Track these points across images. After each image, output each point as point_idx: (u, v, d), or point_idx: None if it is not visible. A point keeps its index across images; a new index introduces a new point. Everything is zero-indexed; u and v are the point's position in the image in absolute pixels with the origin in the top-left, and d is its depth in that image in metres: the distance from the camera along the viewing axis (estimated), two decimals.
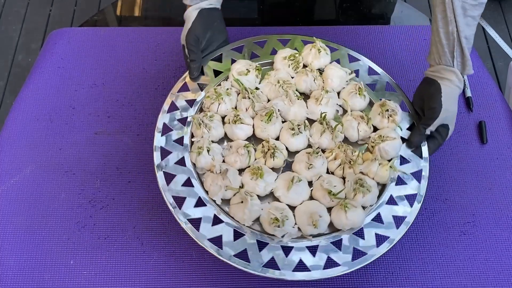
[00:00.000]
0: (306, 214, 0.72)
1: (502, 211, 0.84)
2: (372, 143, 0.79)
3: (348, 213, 0.72)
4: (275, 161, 0.77)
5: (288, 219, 0.72)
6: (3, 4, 1.94)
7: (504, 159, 0.89)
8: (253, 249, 0.71)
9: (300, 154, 0.79)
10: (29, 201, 0.83)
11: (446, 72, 0.79)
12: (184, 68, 0.97)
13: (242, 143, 0.78)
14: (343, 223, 0.72)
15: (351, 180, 0.75)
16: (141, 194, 0.84)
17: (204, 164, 0.77)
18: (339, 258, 0.71)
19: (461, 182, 0.86)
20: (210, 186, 0.75)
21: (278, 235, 0.72)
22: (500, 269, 0.79)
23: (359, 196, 0.74)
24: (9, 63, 1.82)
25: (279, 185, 0.75)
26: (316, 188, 0.76)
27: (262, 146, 0.78)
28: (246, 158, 0.77)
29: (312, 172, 0.76)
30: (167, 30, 1.02)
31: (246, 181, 0.75)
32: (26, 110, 0.92)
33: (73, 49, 1.00)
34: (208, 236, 0.72)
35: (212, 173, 0.75)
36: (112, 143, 0.89)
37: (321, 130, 0.79)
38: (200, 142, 0.77)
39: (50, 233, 0.80)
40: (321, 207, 0.74)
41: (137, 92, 0.94)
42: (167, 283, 0.76)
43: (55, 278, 0.76)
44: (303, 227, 0.72)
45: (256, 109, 0.82)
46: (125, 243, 0.79)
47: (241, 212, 0.72)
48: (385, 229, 0.74)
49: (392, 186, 0.77)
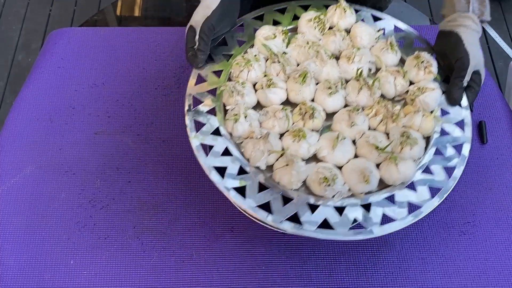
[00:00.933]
0: (356, 172, 0.70)
1: (502, 211, 0.84)
2: (411, 96, 0.78)
3: (399, 166, 0.70)
4: (315, 122, 0.75)
5: (338, 178, 0.69)
6: (3, 4, 1.94)
7: (504, 159, 0.89)
8: (304, 212, 0.68)
9: (339, 114, 0.76)
10: (29, 201, 0.83)
11: (462, 18, 0.76)
12: (186, 66, 0.97)
13: (279, 107, 0.76)
14: (395, 178, 0.70)
15: (396, 133, 0.73)
16: (141, 194, 0.84)
17: (242, 131, 0.74)
18: (395, 213, 0.69)
19: (461, 182, 0.86)
20: (251, 153, 0.72)
21: (328, 195, 0.69)
22: (500, 269, 0.79)
23: (407, 149, 0.72)
24: (9, 63, 1.82)
25: (322, 145, 0.73)
26: (361, 146, 0.73)
27: (299, 108, 0.76)
28: (285, 122, 0.74)
29: (355, 130, 0.74)
30: (167, 30, 1.02)
31: (287, 144, 0.72)
32: (26, 110, 0.92)
33: (73, 49, 1.00)
34: (255, 204, 0.68)
35: (252, 139, 0.72)
36: (112, 143, 0.89)
37: (358, 88, 0.77)
38: (235, 110, 0.74)
39: (50, 233, 0.80)
40: (370, 163, 0.71)
41: (137, 92, 0.94)
42: (167, 283, 0.76)
43: (55, 278, 0.76)
44: (353, 186, 0.70)
45: (287, 73, 0.79)
46: (125, 243, 0.79)
47: (288, 175, 0.69)
48: (436, 181, 0.72)
49: (436, 137, 0.76)
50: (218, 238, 0.80)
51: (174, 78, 0.95)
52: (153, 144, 0.88)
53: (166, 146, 0.88)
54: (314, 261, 0.79)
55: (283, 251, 0.79)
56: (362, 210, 0.69)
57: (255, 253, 0.79)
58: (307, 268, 0.78)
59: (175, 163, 0.86)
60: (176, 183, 0.85)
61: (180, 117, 0.91)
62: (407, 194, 0.71)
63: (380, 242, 0.80)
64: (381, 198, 0.70)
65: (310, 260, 0.79)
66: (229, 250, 0.79)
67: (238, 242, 0.80)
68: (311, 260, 0.79)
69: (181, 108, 0.92)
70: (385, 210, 0.69)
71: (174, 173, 0.86)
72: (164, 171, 0.86)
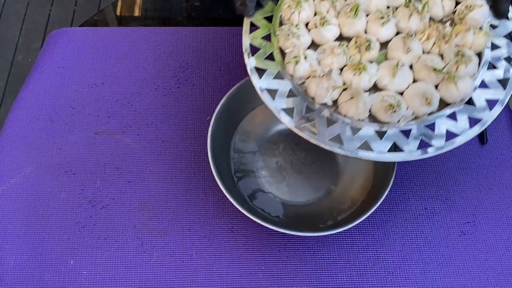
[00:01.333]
0: (417, 95, 0.72)
1: (502, 211, 0.84)
2: (460, 15, 0.79)
3: (458, 84, 0.72)
4: (371, 53, 0.76)
5: (402, 103, 0.72)
6: (3, 4, 1.94)
7: (504, 159, 0.89)
8: (373, 139, 0.71)
9: (393, 42, 0.78)
10: (29, 201, 0.83)
11: None
12: (186, 67, 0.97)
13: (335, 44, 0.77)
14: (455, 95, 0.72)
15: (450, 54, 0.75)
16: (141, 194, 0.84)
17: (303, 72, 0.75)
18: (458, 128, 0.71)
19: (461, 182, 0.86)
20: (316, 91, 0.73)
21: (394, 120, 0.71)
22: (500, 269, 0.79)
23: (462, 67, 0.74)
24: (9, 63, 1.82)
25: (382, 74, 0.75)
26: (419, 69, 0.75)
27: (355, 41, 0.77)
28: (343, 57, 0.76)
29: (411, 55, 0.76)
30: (167, 30, 1.02)
31: (348, 78, 0.74)
32: (26, 110, 0.92)
33: (73, 49, 1.00)
34: (328, 136, 0.71)
35: (314, 79, 0.74)
36: (112, 143, 0.89)
37: (409, 14, 0.78)
38: (294, 52, 0.75)
39: (50, 233, 0.80)
40: (429, 85, 0.74)
41: (137, 92, 0.94)
42: (167, 283, 0.76)
43: (55, 278, 0.76)
44: (416, 109, 0.72)
45: (338, 8, 0.80)
46: (125, 243, 0.79)
47: (355, 106, 0.71)
48: (493, 92, 0.74)
49: (488, 52, 0.77)
50: (218, 238, 0.80)
51: (174, 78, 0.95)
52: (153, 144, 0.88)
53: (166, 146, 0.88)
54: (314, 261, 0.79)
55: (283, 251, 0.79)
56: (427, 130, 0.72)
57: (255, 253, 0.79)
58: (307, 268, 0.78)
59: (175, 163, 0.87)
60: (176, 183, 0.85)
61: (180, 117, 0.91)
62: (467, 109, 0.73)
63: (380, 242, 0.81)
64: (444, 117, 0.72)
65: (310, 260, 0.79)
66: (229, 250, 0.79)
67: (238, 242, 0.80)
68: (311, 260, 0.79)
69: (181, 108, 0.92)
70: (448, 127, 0.72)
71: (174, 173, 0.86)
72: (164, 171, 0.86)
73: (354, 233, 0.81)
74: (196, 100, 0.93)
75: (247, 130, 0.89)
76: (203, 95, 0.93)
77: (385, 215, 0.83)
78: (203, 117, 0.91)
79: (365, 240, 0.81)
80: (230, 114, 0.86)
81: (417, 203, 0.84)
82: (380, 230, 0.82)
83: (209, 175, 0.85)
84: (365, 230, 0.82)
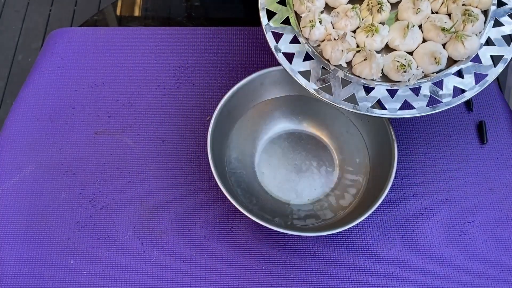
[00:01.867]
0: (426, 55, 0.75)
1: (502, 211, 0.84)
2: None
3: (465, 42, 0.74)
4: (383, 15, 0.78)
5: (413, 63, 0.74)
6: (3, 4, 1.94)
7: (504, 159, 0.89)
8: (385, 98, 0.74)
9: (403, 3, 0.80)
10: (29, 201, 0.83)
11: None
12: (186, 66, 0.97)
13: (348, 7, 0.79)
14: (462, 53, 0.75)
15: (458, 13, 0.77)
16: (141, 194, 0.84)
17: (319, 35, 0.77)
18: (464, 85, 0.74)
19: (461, 182, 0.86)
20: (331, 54, 0.76)
21: (405, 79, 0.74)
22: (500, 269, 0.79)
23: (469, 26, 0.76)
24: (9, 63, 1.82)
25: (394, 35, 0.77)
26: (428, 29, 0.77)
27: (366, 4, 0.79)
28: (356, 19, 0.78)
29: (421, 15, 0.78)
30: (167, 30, 1.02)
31: (361, 40, 0.77)
32: (26, 110, 0.92)
33: (73, 49, 1.00)
34: (343, 97, 0.74)
35: (329, 42, 0.76)
36: (112, 143, 0.89)
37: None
38: (309, 16, 0.77)
39: (50, 233, 0.80)
40: (438, 45, 0.76)
41: (137, 92, 0.94)
42: (167, 283, 0.76)
43: (55, 278, 0.76)
44: (425, 67, 0.75)
45: None
46: (125, 243, 0.79)
47: (368, 67, 0.74)
48: (497, 49, 0.76)
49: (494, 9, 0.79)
50: (218, 238, 0.80)
51: (174, 78, 0.95)
52: (153, 144, 0.88)
53: (166, 146, 0.88)
54: (314, 261, 0.79)
55: (283, 251, 0.79)
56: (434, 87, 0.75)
57: (255, 253, 0.79)
58: (307, 268, 0.78)
59: (175, 163, 0.87)
60: (176, 183, 0.85)
61: (180, 117, 0.91)
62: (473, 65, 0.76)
63: (380, 242, 0.81)
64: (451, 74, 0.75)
65: (310, 260, 0.79)
66: (229, 250, 0.79)
67: (238, 242, 0.80)
68: (311, 260, 0.79)
69: (181, 108, 0.92)
70: (455, 83, 0.75)
71: (174, 173, 0.86)
72: (164, 171, 0.86)
73: (354, 233, 0.81)
74: (196, 100, 0.93)
75: (247, 130, 0.89)
76: (203, 95, 0.93)
77: (385, 215, 0.83)
78: (203, 117, 0.91)
79: (365, 240, 0.81)
80: (230, 114, 0.86)
81: (417, 203, 0.84)
82: (380, 230, 0.82)
83: (209, 175, 0.85)
84: (365, 230, 0.82)
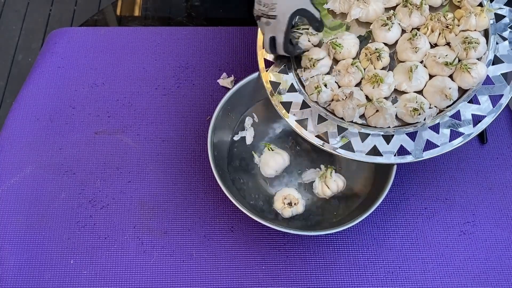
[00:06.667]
0: (436, 92, 0.74)
1: (502, 211, 0.84)
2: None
3: (472, 72, 0.73)
4: (383, 61, 0.78)
5: (425, 104, 0.74)
6: (3, 4, 1.94)
7: (504, 159, 0.89)
8: (406, 142, 0.74)
9: (400, 44, 0.79)
10: (29, 201, 0.83)
11: None
12: (186, 66, 0.97)
13: (348, 63, 0.79)
14: (471, 83, 0.74)
15: (457, 42, 0.76)
16: (141, 194, 0.84)
17: (327, 97, 0.77)
18: (482, 110, 0.74)
19: (461, 182, 0.86)
20: (344, 112, 0.76)
21: (421, 120, 0.74)
22: (500, 269, 0.79)
23: (472, 52, 0.75)
24: (9, 63, 1.82)
25: (400, 79, 0.77)
26: (431, 66, 0.77)
27: (365, 54, 0.79)
28: (358, 73, 0.78)
29: (420, 53, 0.78)
30: (167, 30, 1.02)
31: (369, 92, 0.76)
32: (26, 110, 0.92)
33: (73, 49, 1.00)
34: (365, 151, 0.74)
35: (338, 101, 0.76)
36: (112, 143, 0.89)
37: (409, 12, 0.80)
38: (314, 82, 0.78)
39: (50, 233, 0.80)
40: (446, 79, 0.75)
41: (137, 92, 0.94)
42: (167, 283, 0.76)
43: (55, 278, 0.76)
44: (438, 104, 0.75)
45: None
46: (125, 243, 0.79)
47: (382, 118, 0.74)
48: (507, 66, 0.75)
49: (493, 25, 0.78)
50: (218, 238, 0.80)
51: (174, 78, 0.95)
52: (153, 144, 0.88)
53: (166, 146, 0.88)
54: (314, 261, 0.79)
55: (283, 251, 0.79)
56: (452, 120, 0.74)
57: (255, 253, 0.79)
58: (307, 268, 0.78)
59: (175, 163, 0.87)
60: (176, 183, 0.85)
61: (180, 117, 0.91)
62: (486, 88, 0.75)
63: (380, 242, 0.81)
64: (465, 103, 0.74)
65: (310, 260, 0.79)
66: (229, 250, 0.79)
67: (238, 242, 0.80)
68: (311, 260, 0.79)
69: (181, 108, 0.92)
70: (473, 111, 0.74)
71: (174, 173, 0.86)
72: (164, 171, 0.86)
73: (354, 233, 0.81)
74: (196, 100, 0.93)
75: (246, 130, 0.89)
76: (203, 95, 0.93)
77: (385, 215, 0.83)
78: (203, 117, 0.91)
79: (365, 240, 0.81)
80: (230, 114, 0.86)
81: (417, 203, 0.84)
82: (380, 230, 0.82)
83: (209, 175, 0.85)
84: (365, 230, 0.82)
